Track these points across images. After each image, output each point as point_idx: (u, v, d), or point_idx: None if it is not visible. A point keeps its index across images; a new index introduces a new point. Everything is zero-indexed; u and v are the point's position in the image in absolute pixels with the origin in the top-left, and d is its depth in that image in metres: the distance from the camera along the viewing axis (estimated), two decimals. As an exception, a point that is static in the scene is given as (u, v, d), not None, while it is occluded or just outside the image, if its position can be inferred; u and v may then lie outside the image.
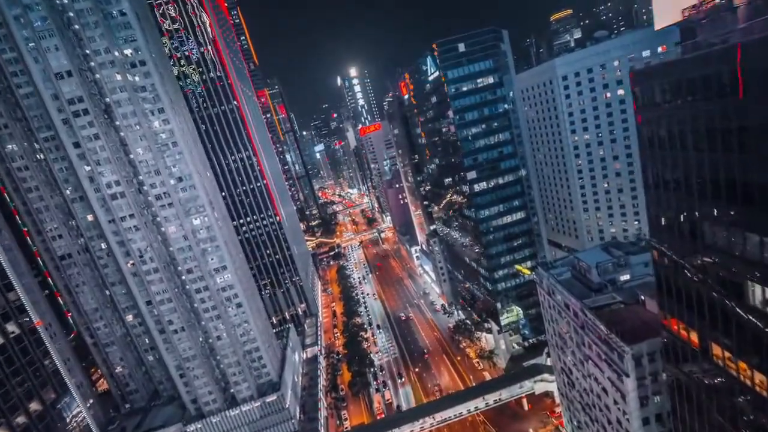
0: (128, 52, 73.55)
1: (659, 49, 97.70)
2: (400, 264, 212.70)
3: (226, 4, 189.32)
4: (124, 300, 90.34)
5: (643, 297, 46.95)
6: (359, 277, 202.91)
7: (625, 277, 54.02)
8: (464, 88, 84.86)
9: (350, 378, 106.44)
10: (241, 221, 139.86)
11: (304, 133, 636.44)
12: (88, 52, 70.96)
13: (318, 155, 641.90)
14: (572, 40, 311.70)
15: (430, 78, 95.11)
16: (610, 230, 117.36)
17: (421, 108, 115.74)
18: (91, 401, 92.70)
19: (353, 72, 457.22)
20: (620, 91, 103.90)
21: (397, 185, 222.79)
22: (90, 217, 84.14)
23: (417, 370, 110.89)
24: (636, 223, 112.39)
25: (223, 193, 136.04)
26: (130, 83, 73.06)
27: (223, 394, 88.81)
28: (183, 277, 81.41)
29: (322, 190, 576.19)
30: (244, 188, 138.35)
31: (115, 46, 71.66)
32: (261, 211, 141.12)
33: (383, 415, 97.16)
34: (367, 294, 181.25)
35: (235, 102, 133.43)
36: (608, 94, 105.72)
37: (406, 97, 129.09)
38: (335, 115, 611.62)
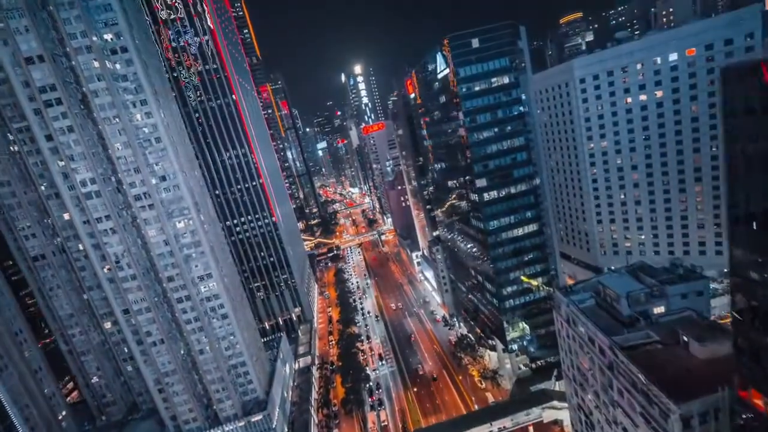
0: (108, 37, 66.69)
1: (686, 53, 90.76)
2: (400, 268, 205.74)
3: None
4: (102, 306, 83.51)
5: (685, 338, 40.00)
6: (357, 282, 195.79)
7: (660, 309, 47.11)
8: (477, 88, 77.78)
9: (344, 395, 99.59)
10: (235, 221, 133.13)
11: (308, 130, 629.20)
12: (63, 36, 64.26)
13: (320, 152, 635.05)
14: (583, 42, 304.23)
15: (439, 76, 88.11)
16: (624, 244, 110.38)
17: (427, 108, 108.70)
18: (63, 413, 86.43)
19: (358, 69, 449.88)
20: (642, 97, 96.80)
21: (399, 187, 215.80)
22: (66, 216, 77.33)
23: (416, 389, 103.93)
24: (653, 237, 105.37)
25: (217, 192, 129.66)
26: (109, 71, 66.21)
27: (205, 411, 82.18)
28: (164, 285, 74.74)
29: (324, 188, 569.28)
30: (238, 187, 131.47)
31: (93, 30, 64.84)
32: (256, 212, 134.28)
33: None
34: (368, 312, 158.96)
35: (232, 96, 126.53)
36: (629, 99, 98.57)
37: (412, 96, 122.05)
38: (339, 113, 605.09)
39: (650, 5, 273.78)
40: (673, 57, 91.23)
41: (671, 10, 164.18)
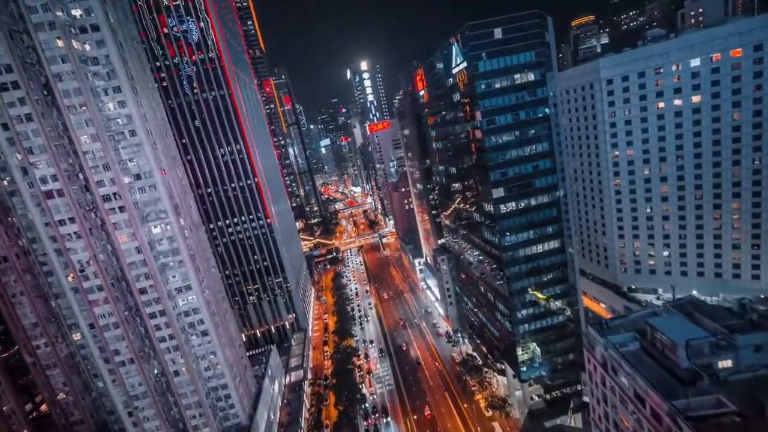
0: (76, 12, 57.89)
1: (730, 54, 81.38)
2: (402, 274, 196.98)
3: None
4: (71, 315, 75.10)
5: (774, 412, 30.99)
6: (356, 289, 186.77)
7: (726, 363, 38.07)
8: (497, 86, 68.64)
9: (337, 418, 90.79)
10: (227, 222, 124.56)
11: (311, 126, 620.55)
12: (22, 9, 55.47)
13: (323, 150, 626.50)
14: (598, 45, 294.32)
15: (453, 71, 78.95)
16: (648, 262, 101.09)
17: (437, 107, 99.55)
18: (25, 433, 77.91)
19: (364, 66, 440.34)
20: (677, 101, 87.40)
21: (403, 189, 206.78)
22: (31, 215, 68.77)
23: (416, 417, 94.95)
24: (681, 257, 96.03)
25: (209, 190, 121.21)
26: (76, 52, 57.31)
27: (180, 438, 73.57)
28: (136, 298, 66.04)
29: (325, 185, 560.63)
30: (232, 185, 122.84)
31: (57, 4, 55.98)
32: (250, 212, 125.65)
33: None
34: (370, 342, 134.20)
35: (228, 88, 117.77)
36: (661, 104, 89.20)
37: (421, 93, 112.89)
38: (343, 111, 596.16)
39: (667, 8, 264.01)
40: (714, 58, 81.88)
41: (701, 10, 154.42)
